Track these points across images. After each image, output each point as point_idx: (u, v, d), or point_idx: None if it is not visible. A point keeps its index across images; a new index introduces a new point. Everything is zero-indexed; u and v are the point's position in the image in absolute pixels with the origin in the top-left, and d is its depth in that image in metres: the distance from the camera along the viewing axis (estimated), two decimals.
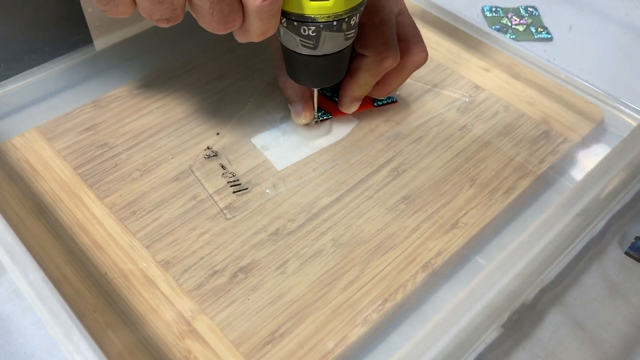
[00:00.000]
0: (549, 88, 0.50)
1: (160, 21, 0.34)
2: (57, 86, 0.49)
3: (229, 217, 0.40)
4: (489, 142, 0.46)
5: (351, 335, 0.35)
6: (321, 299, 0.36)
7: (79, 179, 0.42)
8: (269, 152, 0.44)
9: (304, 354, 0.34)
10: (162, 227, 0.39)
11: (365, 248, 0.39)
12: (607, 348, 0.36)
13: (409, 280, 0.37)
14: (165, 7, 0.33)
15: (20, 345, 0.35)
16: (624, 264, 0.40)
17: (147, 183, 0.42)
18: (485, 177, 0.43)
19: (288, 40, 0.37)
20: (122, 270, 0.37)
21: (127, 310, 0.35)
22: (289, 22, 0.36)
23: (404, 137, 0.46)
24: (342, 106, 0.45)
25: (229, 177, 0.42)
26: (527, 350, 0.36)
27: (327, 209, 0.41)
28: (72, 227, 0.39)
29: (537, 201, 0.43)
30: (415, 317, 0.37)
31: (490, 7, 0.61)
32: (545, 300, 0.38)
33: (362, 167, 0.43)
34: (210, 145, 0.44)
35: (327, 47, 0.37)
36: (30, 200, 0.41)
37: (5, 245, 0.32)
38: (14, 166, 0.43)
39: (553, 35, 0.59)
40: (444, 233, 0.40)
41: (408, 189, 0.42)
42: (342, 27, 0.36)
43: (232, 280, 0.37)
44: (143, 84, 0.49)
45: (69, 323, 0.29)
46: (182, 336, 0.34)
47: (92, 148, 0.44)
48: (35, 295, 0.30)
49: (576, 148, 0.46)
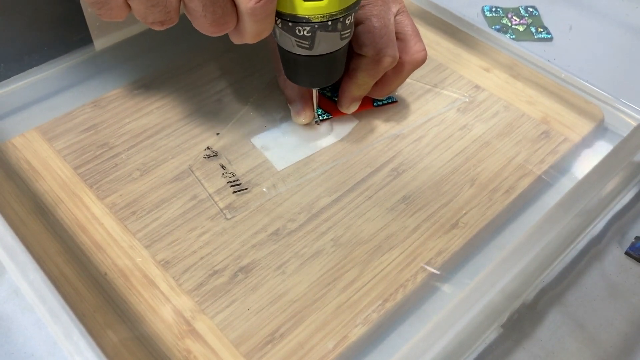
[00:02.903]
0: (549, 88, 0.50)
1: (155, 24, 0.34)
2: (57, 86, 0.49)
3: (229, 217, 0.40)
4: (489, 142, 0.46)
5: (351, 335, 0.35)
6: (321, 299, 0.36)
7: (79, 179, 0.42)
8: (269, 152, 0.44)
9: (304, 354, 0.34)
10: (162, 227, 0.39)
11: (365, 248, 0.39)
12: (607, 348, 0.36)
13: (409, 280, 0.37)
14: (159, 10, 0.33)
15: (21, 345, 0.35)
16: (624, 264, 0.40)
17: (147, 183, 0.42)
18: (485, 177, 0.43)
19: (284, 41, 0.37)
20: (122, 270, 0.37)
21: (127, 310, 0.35)
22: (284, 23, 0.35)
23: (404, 137, 0.46)
24: (341, 106, 0.45)
25: (229, 177, 0.42)
26: (527, 350, 0.36)
27: (327, 209, 0.41)
28: (72, 227, 0.39)
29: (537, 201, 0.43)
30: (415, 317, 0.37)
31: (490, 7, 0.61)
32: (545, 300, 0.38)
33: (362, 167, 0.43)
34: (210, 145, 0.44)
35: (323, 47, 0.37)
36: (30, 200, 0.41)
37: (5, 245, 0.32)
38: (14, 166, 0.43)
39: (553, 35, 0.59)
40: (444, 233, 0.40)
41: (408, 189, 0.42)
42: (337, 27, 0.36)
43: (232, 280, 0.37)
44: (143, 84, 0.49)
45: (69, 323, 0.29)
46: (182, 336, 0.34)
47: (92, 148, 0.44)
48: (35, 295, 0.30)
49: (576, 148, 0.46)
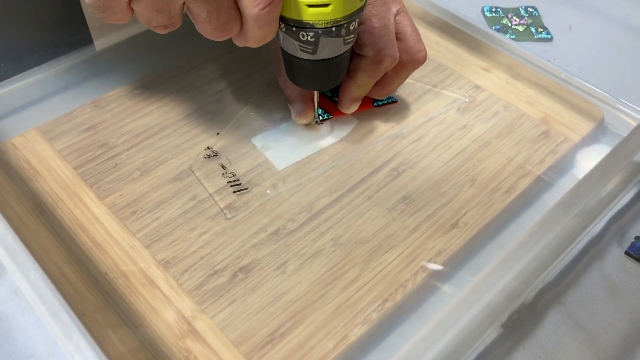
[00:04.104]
0: (549, 88, 0.50)
1: (158, 28, 0.34)
2: (57, 86, 0.49)
3: (229, 217, 0.40)
4: (489, 142, 0.46)
5: (351, 335, 0.35)
6: (321, 299, 0.36)
7: (79, 179, 0.42)
8: (269, 152, 0.44)
9: (304, 354, 0.34)
10: (162, 227, 0.39)
11: (365, 248, 0.39)
12: (607, 348, 0.36)
13: (409, 280, 0.37)
14: (163, 15, 0.33)
15: (20, 345, 0.35)
16: (624, 264, 0.40)
17: (147, 183, 0.42)
18: (485, 177, 0.43)
19: (287, 45, 0.37)
20: (122, 270, 0.37)
21: (127, 310, 0.35)
22: (288, 28, 0.35)
23: (404, 137, 0.46)
24: (341, 106, 0.45)
25: (229, 177, 0.42)
26: (527, 350, 0.36)
27: (327, 209, 0.41)
28: (72, 227, 0.39)
29: (537, 201, 0.43)
30: (415, 317, 0.37)
31: (490, 7, 0.61)
32: (545, 300, 0.38)
33: (362, 167, 0.43)
34: (210, 145, 0.44)
35: (326, 52, 0.37)
36: (31, 200, 0.41)
37: (5, 245, 0.32)
38: (14, 166, 0.43)
39: (553, 35, 0.59)
40: (444, 233, 0.40)
41: (408, 189, 0.42)
42: (340, 32, 0.36)
43: (232, 280, 0.37)
44: (143, 84, 0.49)
45: (69, 323, 0.29)
46: (182, 336, 0.34)
47: (92, 148, 0.44)
48: (35, 295, 0.30)
49: (576, 148, 0.46)
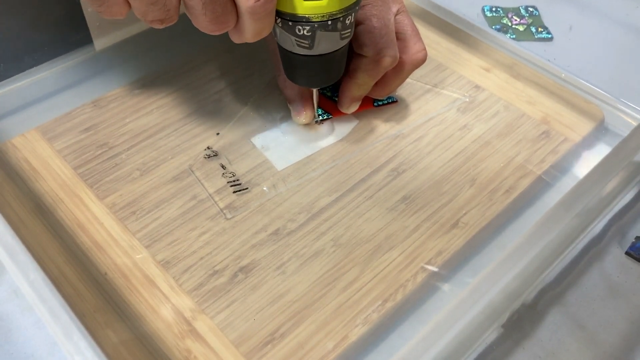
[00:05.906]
0: (549, 88, 0.50)
1: (154, 22, 0.34)
2: (57, 86, 0.49)
3: (229, 217, 0.40)
4: (489, 142, 0.46)
5: (351, 335, 0.35)
6: (321, 299, 0.36)
7: (79, 179, 0.42)
8: (269, 152, 0.44)
9: (304, 354, 0.34)
10: (162, 227, 0.39)
11: (365, 248, 0.39)
12: (607, 348, 0.36)
13: (409, 280, 0.37)
14: (159, 8, 0.33)
15: (20, 345, 0.35)
16: (624, 264, 0.40)
17: (147, 183, 0.42)
18: (485, 177, 0.43)
19: (284, 40, 0.37)
20: (122, 270, 0.37)
21: (127, 310, 0.35)
22: (284, 22, 0.35)
23: (404, 137, 0.46)
24: (341, 106, 0.45)
25: (229, 177, 0.42)
26: (527, 350, 0.36)
27: (327, 209, 0.41)
28: (72, 227, 0.39)
29: (537, 201, 0.43)
30: (415, 317, 0.37)
31: (490, 7, 0.61)
32: (545, 300, 0.38)
33: (362, 167, 0.43)
34: (210, 145, 0.44)
35: (323, 47, 0.37)
36: (30, 200, 0.41)
37: (5, 245, 0.32)
38: (14, 166, 0.43)
39: (553, 35, 0.59)
40: (444, 233, 0.40)
41: (408, 189, 0.42)
42: (337, 26, 0.36)
43: (232, 280, 0.37)
44: (143, 84, 0.49)
45: (69, 323, 0.29)
46: (182, 336, 0.34)
47: (92, 148, 0.44)
48: (35, 295, 0.30)
49: (576, 148, 0.46)
